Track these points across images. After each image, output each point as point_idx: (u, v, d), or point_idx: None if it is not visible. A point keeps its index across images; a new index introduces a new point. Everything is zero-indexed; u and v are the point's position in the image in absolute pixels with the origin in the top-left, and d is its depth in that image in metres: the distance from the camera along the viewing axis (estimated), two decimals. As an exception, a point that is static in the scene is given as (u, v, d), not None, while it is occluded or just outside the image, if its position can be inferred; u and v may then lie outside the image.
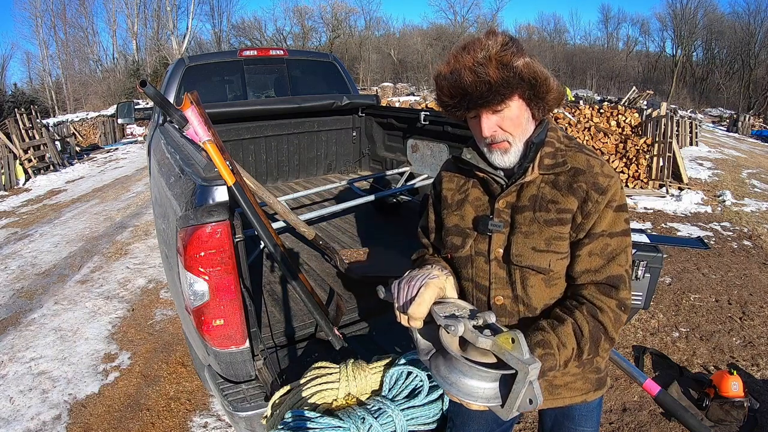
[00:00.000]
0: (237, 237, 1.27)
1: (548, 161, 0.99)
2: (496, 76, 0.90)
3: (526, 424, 2.08)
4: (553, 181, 0.99)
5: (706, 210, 5.41)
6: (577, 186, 0.96)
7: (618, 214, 0.97)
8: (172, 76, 3.23)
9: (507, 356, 0.77)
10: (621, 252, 0.97)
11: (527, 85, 0.93)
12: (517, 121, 0.96)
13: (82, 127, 13.18)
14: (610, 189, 0.96)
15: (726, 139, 14.23)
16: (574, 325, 0.93)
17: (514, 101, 0.95)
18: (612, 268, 0.96)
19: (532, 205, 0.99)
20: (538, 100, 0.97)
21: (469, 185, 1.09)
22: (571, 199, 0.96)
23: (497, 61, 0.90)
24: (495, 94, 0.91)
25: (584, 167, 0.98)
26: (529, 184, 1.00)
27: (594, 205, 0.95)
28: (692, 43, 33.52)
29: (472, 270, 1.05)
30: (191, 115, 1.40)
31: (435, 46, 33.09)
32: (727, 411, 2.07)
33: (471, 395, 0.80)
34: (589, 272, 0.97)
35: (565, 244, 0.98)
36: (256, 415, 1.25)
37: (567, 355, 0.91)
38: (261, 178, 3.57)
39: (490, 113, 0.95)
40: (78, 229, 5.09)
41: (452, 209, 1.10)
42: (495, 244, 1.02)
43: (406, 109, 3.68)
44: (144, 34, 27.59)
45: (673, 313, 3.06)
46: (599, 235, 0.96)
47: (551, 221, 0.97)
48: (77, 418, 2.21)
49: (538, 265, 0.97)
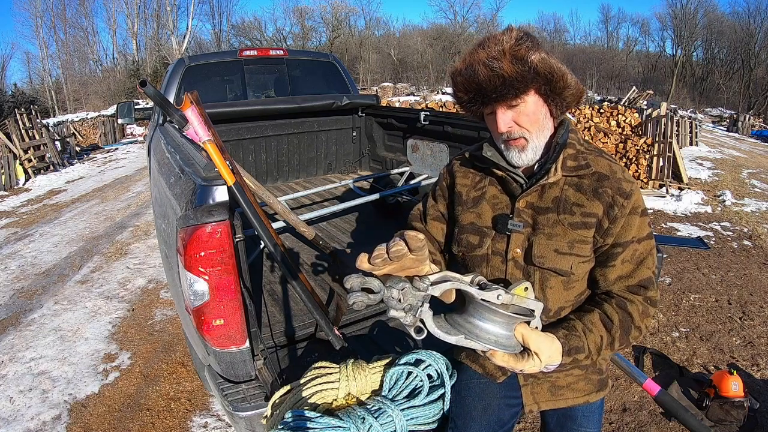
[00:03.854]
0: (237, 237, 1.27)
1: (571, 163, 0.99)
2: (510, 70, 0.89)
3: (527, 424, 2.08)
4: (577, 184, 0.98)
5: (706, 210, 5.41)
6: (602, 191, 0.96)
7: (642, 219, 0.98)
8: (172, 76, 3.23)
9: (527, 302, 0.89)
10: (648, 255, 0.98)
11: (543, 79, 0.92)
12: (533, 117, 0.96)
13: (82, 127, 13.18)
14: (633, 193, 0.96)
15: (726, 139, 14.24)
16: (602, 315, 0.96)
17: (530, 96, 0.94)
18: (642, 271, 0.98)
19: (555, 207, 0.98)
20: (555, 96, 0.96)
21: (486, 183, 1.08)
22: (596, 203, 0.96)
23: (511, 56, 0.89)
24: (509, 89, 0.90)
25: (608, 173, 0.98)
26: (552, 186, 0.99)
27: (620, 210, 0.95)
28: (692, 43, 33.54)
29: (487, 269, 1.04)
30: (191, 115, 1.40)
31: (435, 46, 33.10)
32: (727, 411, 2.07)
33: (499, 342, 0.88)
34: (622, 278, 0.98)
35: (588, 248, 0.98)
36: (256, 415, 1.25)
37: (596, 342, 0.94)
38: (261, 178, 3.57)
39: (505, 108, 0.95)
40: (78, 229, 5.09)
41: (468, 206, 1.08)
42: (513, 244, 1.01)
43: (406, 109, 3.68)
44: (144, 34, 27.62)
45: (673, 313, 3.06)
46: (630, 242, 0.97)
47: (576, 224, 0.96)
48: (77, 418, 2.21)
49: (560, 268, 0.97)
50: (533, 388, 1.07)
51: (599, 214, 0.96)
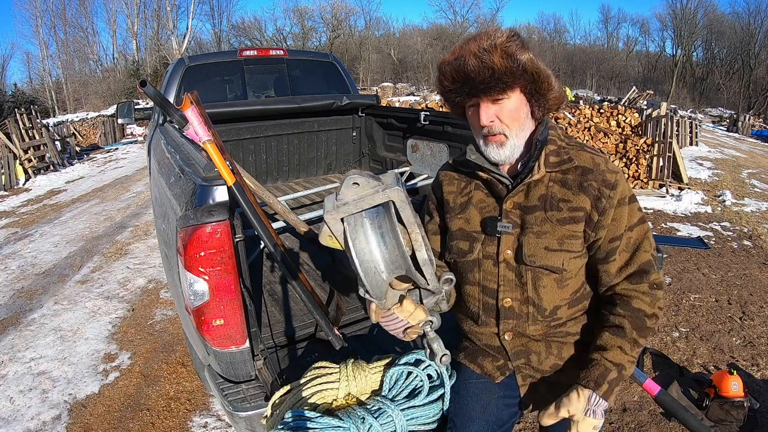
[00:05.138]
0: (237, 237, 1.27)
1: (554, 158, 0.99)
2: (500, 64, 0.91)
3: (527, 424, 2.08)
4: (561, 180, 0.99)
5: (706, 210, 5.41)
6: (587, 185, 0.97)
7: (631, 206, 0.99)
8: (172, 76, 3.23)
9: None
10: (643, 239, 0.99)
11: (530, 78, 0.94)
12: (515, 114, 0.97)
13: (82, 127, 13.19)
14: (618, 183, 0.97)
15: (726, 139, 14.24)
16: (610, 329, 0.98)
17: (515, 93, 0.96)
18: (640, 256, 0.99)
19: (542, 204, 0.98)
20: (539, 97, 0.97)
21: (471, 187, 1.08)
22: (582, 197, 0.97)
23: (502, 51, 0.91)
24: (497, 82, 0.92)
25: (591, 166, 0.98)
26: (537, 184, 0.99)
27: (608, 201, 0.96)
28: (692, 43, 33.54)
29: (480, 273, 1.04)
30: (191, 115, 1.40)
31: (435, 46, 33.07)
32: (727, 411, 2.07)
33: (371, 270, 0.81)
34: (622, 268, 0.99)
35: (579, 243, 0.98)
36: (256, 415, 1.24)
37: (617, 356, 0.95)
38: (261, 178, 3.57)
39: (489, 102, 0.95)
40: (78, 229, 5.09)
41: (456, 213, 1.08)
42: (504, 246, 1.01)
43: (406, 109, 3.68)
44: (144, 34, 27.62)
45: (673, 313, 3.06)
46: (623, 233, 0.98)
47: (564, 220, 0.97)
48: (77, 418, 2.21)
49: (551, 265, 0.98)
50: (532, 388, 1.07)
51: (587, 207, 0.96)
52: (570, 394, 0.95)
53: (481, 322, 1.08)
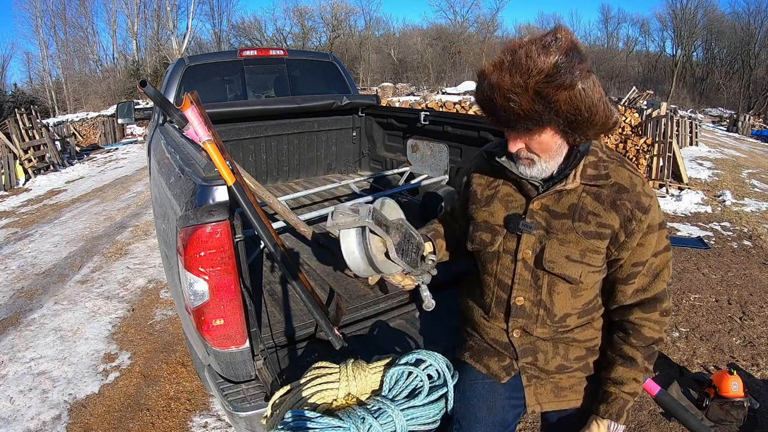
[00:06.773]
0: (237, 237, 1.26)
1: (591, 171, 0.97)
2: (529, 108, 0.83)
3: (527, 424, 2.08)
4: (595, 193, 0.96)
5: (706, 210, 5.41)
6: (620, 204, 0.95)
7: (660, 233, 0.98)
8: (172, 76, 3.23)
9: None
10: (664, 267, 1.00)
11: (563, 120, 0.86)
12: (545, 146, 0.93)
13: (82, 127, 13.17)
14: (651, 208, 0.95)
15: (726, 139, 14.23)
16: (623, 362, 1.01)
17: (546, 132, 0.90)
18: (657, 284, 0.99)
19: (571, 213, 0.97)
20: (574, 134, 0.90)
21: (500, 182, 1.08)
22: (613, 215, 0.95)
23: (534, 92, 0.82)
24: (523, 122, 0.86)
25: (628, 185, 0.96)
26: (569, 192, 0.98)
27: (638, 224, 0.94)
28: (692, 43, 33.50)
29: (497, 266, 1.05)
30: (191, 115, 1.40)
31: (435, 46, 33.08)
32: (727, 411, 2.07)
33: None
34: (638, 291, 0.99)
35: (600, 258, 0.97)
36: (256, 415, 1.24)
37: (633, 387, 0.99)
38: (261, 178, 3.57)
39: (516, 135, 0.93)
40: (78, 229, 5.09)
41: (481, 205, 1.09)
42: (523, 245, 1.01)
43: (406, 109, 3.68)
44: (144, 34, 27.59)
45: (673, 313, 3.06)
46: (647, 260, 0.98)
47: (590, 234, 0.96)
48: (77, 418, 2.21)
49: (569, 275, 0.97)
50: (536, 389, 1.07)
51: (615, 226, 0.95)
52: (590, 425, 0.99)
53: (491, 315, 1.09)
